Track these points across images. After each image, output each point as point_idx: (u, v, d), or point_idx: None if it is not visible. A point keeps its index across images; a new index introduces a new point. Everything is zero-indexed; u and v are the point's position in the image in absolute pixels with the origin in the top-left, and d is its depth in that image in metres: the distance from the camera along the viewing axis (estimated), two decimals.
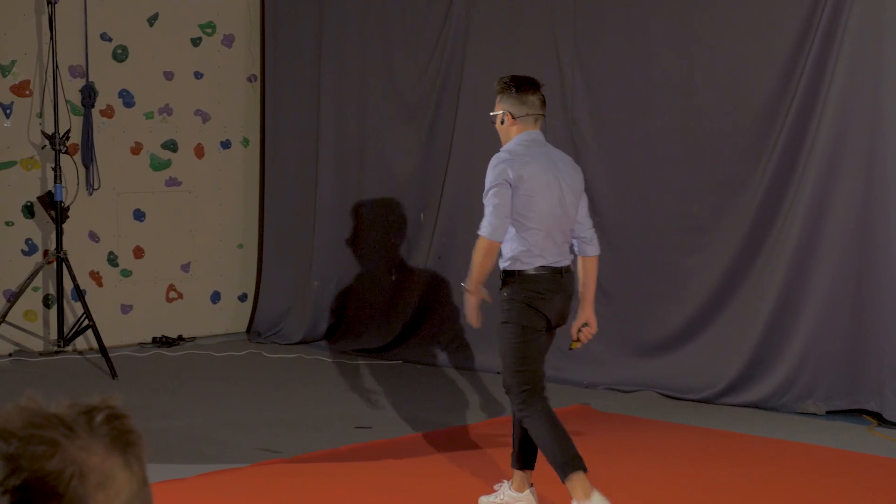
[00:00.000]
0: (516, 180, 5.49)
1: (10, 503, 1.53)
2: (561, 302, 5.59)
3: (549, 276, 5.51)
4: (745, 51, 7.85)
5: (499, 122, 5.72)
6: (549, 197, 5.55)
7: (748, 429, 7.22)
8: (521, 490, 5.70)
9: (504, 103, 5.70)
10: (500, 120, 5.70)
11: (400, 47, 9.62)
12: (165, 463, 6.24)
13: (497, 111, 5.72)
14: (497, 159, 5.62)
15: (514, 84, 5.70)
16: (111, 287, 9.75)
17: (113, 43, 9.64)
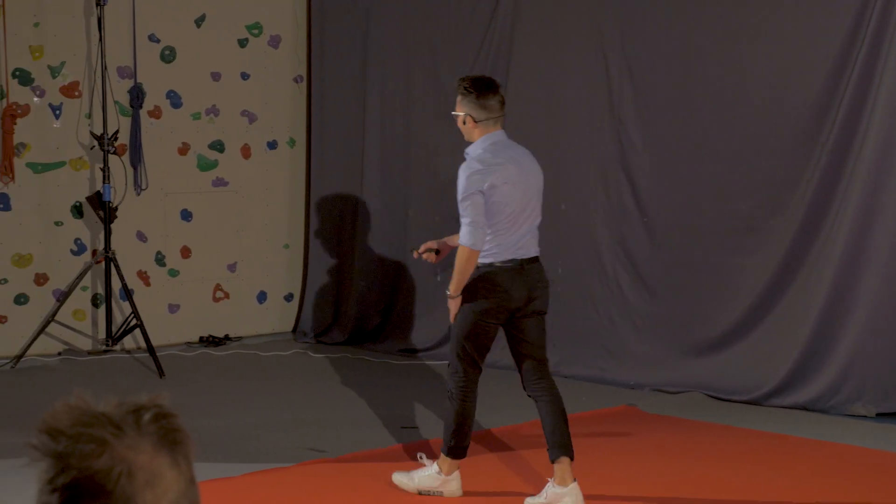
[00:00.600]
0: (489, 189, 5.82)
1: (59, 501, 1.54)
2: (523, 290, 5.95)
3: (512, 268, 5.90)
4: (795, 49, 7.79)
5: (460, 123, 5.97)
6: (519, 198, 5.92)
7: (796, 431, 7.16)
8: (564, 484, 5.69)
9: (465, 106, 5.93)
10: (461, 121, 5.96)
11: (446, 47, 9.61)
12: (212, 462, 6.27)
13: (458, 112, 5.95)
14: (469, 169, 5.88)
15: (473, 89, 5.95)
16: (158, 287, 9.81)
17: (161, 44, 9.70)
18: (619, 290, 8.61)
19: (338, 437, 6.97)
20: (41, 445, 1.55)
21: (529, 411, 7.65)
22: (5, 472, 6.12)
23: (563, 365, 8.79)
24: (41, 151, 9.23)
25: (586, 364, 8.68)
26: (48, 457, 1.55)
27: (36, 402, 7.38)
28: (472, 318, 5.90)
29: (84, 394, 1.60)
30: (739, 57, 8.04)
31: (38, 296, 9.27)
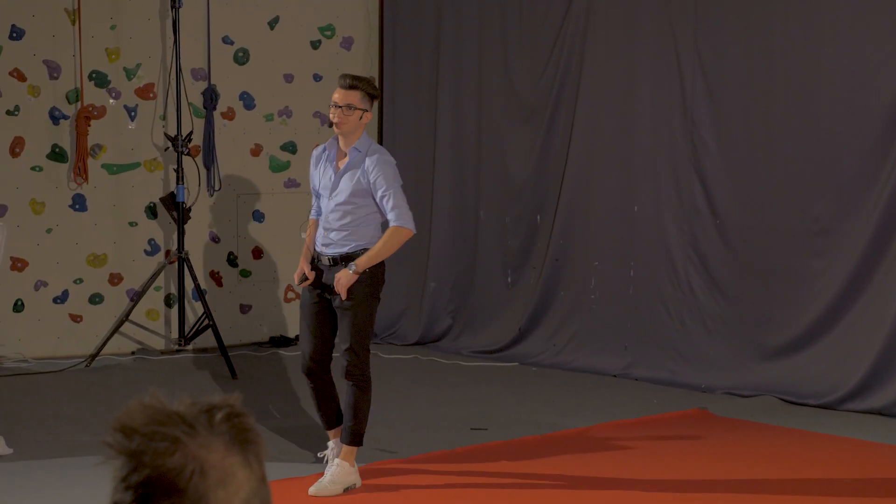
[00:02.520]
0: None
1: (132, 499, 1.55)
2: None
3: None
4: (869, 50, 7.69)
5: (356, 117, 6.12)
6: None
7: (871, 436, 7.06)
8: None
9: (368, 104, 6.16)
10: (358, 116, 6.12)
11: (518, 49, 9.60)
12: (283, 462, 6.31)
13: (359, 107, 6.11)
14: (390, 158, 6.26)
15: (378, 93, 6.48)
16: (230, 287, 9.89)
17: (234, 46, 9.78)
18: (691, 292, 8.55)
19: (408, 438, 6.98)
20: (115, 443, 1.57)
21: (598, 414, 7.63)
22: (80, 469, 6.20)
23: (634, 367, 8.75)
24: (116, 153, 9.35)
25: (657, 366, 8.63)
26: (122, 455, 1.56)
27: (109, 401, 7.50)
28: (375, 304, 6.24)
29: (158, 393, 1.62)
30: (814, 56, 7.95)
31: (112, 296, 9.38)
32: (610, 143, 9.07)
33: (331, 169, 6.22)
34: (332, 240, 6.19)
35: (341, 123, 6.08)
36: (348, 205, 6.14)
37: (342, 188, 6.16)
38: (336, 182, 6.17)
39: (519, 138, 9.66)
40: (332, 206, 6.18)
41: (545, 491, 6.02)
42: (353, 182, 6.13)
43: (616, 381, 8.71)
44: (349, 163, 6.15)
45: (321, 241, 6.23)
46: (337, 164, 6.20)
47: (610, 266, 9.02)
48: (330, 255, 6.18)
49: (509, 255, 9.72)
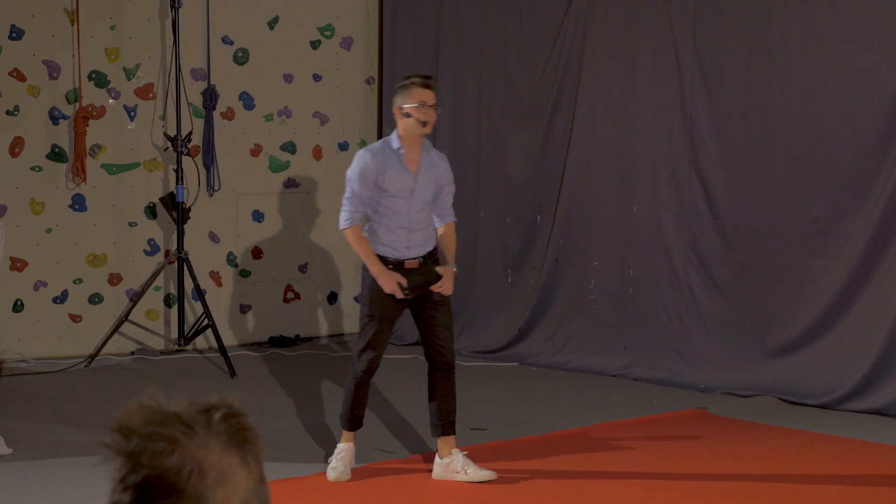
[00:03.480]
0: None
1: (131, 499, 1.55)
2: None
3: None
4: (869, 50, 7.69)
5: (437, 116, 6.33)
6: None
7: (870, 436, 7.06)
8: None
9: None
10: (437, 114, 6.34)
11: (518, 49, 9.60)
12: (281, 461, 6.31)
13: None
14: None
15: None
16: (230, 287, 9.89)
17: (234, 46, 9.79)
18: (690, 292, 8.55)
19: (406, 438, 6.99)
20: (113, 444, 1.57)
21: (597, 414, 7.63)
22: (80, 470, 6.20)
23: (633, 367, 8.75)
24: (116, 153, 9.35)
25: (656, 366, 8.63)
26: (120, 455, 1.56)
27: (109, 401, 7.50)
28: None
29: (156, 393, 1.62)
30: (813, 56, 7.95)
31: (111, 296, 9.39)
32: (609, 143, 9.08)
33: (403, 169, 6.19)
34: (417, 241, 6.22)
35: (432, 122, 6.21)
36: (429, 204, 6.25)
37: (425, 188, 6.21)
38: (421, 182, 6.19)
39: (519, 138, 9.66)
40: (416, 206, 6.20)
41: (545, 491, 6.02)
42: (431, 180, 6.22)
43: (615, 381, 8.71)
44: (429, 161, 6.24)
45: (402, 243, 6.20)
46: (408, 165, 6.20)
47: (609, 266, 9.03)
48: (418, 257, 6.22)
49: (509, 255, 9.72)
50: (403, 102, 6.22)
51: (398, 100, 6.26)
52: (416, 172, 6.19)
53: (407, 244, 6.18)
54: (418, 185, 6.19)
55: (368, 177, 6.16)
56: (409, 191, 6.16)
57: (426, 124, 6.18)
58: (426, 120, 6.15)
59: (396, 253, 6.18)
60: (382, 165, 6.15)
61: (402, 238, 6.18)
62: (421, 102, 6.15)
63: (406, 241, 6.18)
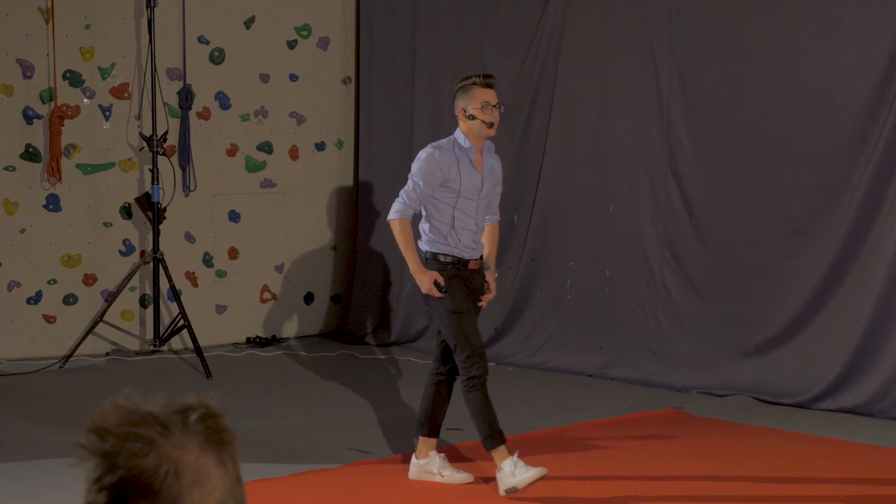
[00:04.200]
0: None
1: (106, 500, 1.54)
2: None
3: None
4: (844, 52, 7.73)
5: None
6: None
7: (844, 435, 7.10)
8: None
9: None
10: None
11: (494, 49, 9.60)
12: (258, 462, 6.29)
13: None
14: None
15: None
16: (206, 287, 9.86)
17: (210, 46, 9.76)
18: (667, 292, 8.58)
19: (384, 439, 6.98)
20: (89, 444, 1.56)
21: (574, 414, 7.64)
22: (54, 470, 6.17)
23: (609, 367, 8.77)
24: (91, 153, 9.31)
25: (633, 366, 8.65)
26: (95, 456, 1.56)
27: (84, 402, 7.46)
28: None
29: (132, 394, 1.61)
30: (789, 57, 7.98)
31: (86, 296, 9.35)
32: (586, 144, 9.09)
33: (473, 170, 6.07)
34: (478, 241, 6.13)
35: (497, 123, 6.06)
36: (487, 206, 6.17)
37: (489, 188, 6.13)
38: (487, 183, 6.10)
39: (495, 139, 9.61)
40: (482, 206, 6.11)
41: (521, 491, 6.02)
42: (494, 181, 6.15)
43: (592, 380, 8.72)
44: (489, 162, 6.14)
45: (469, 244, 6.08)
46: (476, 165, 6.09)
47: (586, 266, 9.04)
48: (478, 258, 6.13)
49: None
50: (466, 104, 6.02)
51: (460, 102, 6.06)
52: (483, 173, 6.10)
53: (473, 245, 6.09)
54: (485, 185, 6.10)
55: (436, 175, 6.00)
56: (477, 191, 6.06)
57: (492, 125, 6.03)
58: (491, 121, 6.01)
59: (463, 253, 6.06)
60: (452, 164, 6.00)
61: (468, 239, 6.07)
62: (484, 104, 6.00)
63: (472, 241, 6.08)
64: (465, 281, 6.04)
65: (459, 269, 6.02)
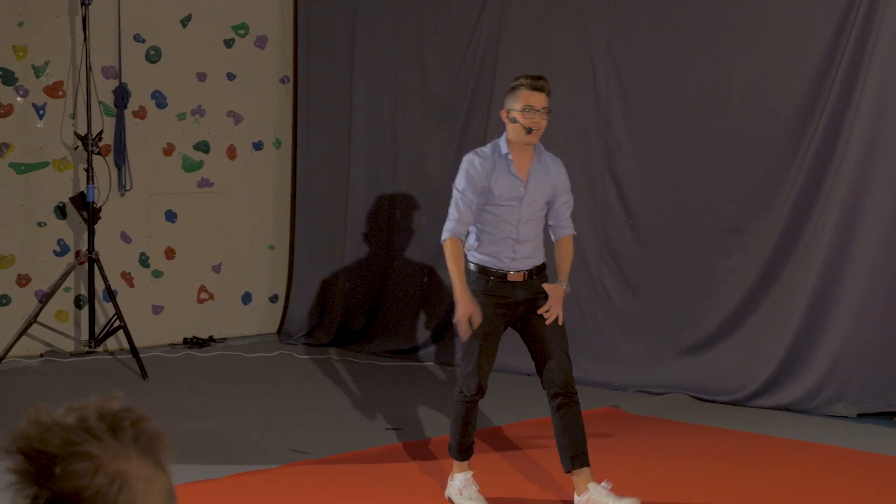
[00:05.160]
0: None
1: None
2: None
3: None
4: (779, 53, 7.81)
5: (546, 121, 5.70)
6: None
7: (779, 431, 7.17)
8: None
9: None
10: (547, 119, 5.71)
11: (433, 48, 9.61)
12: (195, 464, 6.25)
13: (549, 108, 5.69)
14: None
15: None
16: (142, 288, 9.79)
17: (146, 44, 9.68)
18: (604, 291, 8.62)
19: (322, 439, 6.96)
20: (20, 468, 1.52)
21: (512, 413, 7.66)
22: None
23: None
24: (24, 152, 9.20)
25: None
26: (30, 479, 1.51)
27: (17, 405, 7.36)
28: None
29: (45, 407, 1.57)
30: (725, 58, 8.05)
31: (20, 297, 9.24)
32: None
33: (512, 176, 5.65)
34: (523, 253, 5.69)
35: (538, 130, 5.62)
36: (540, 212, 5.74)
37: (536, 196, 5.69)
38: (532, 190, 5.67)
39: (435, 138, 9.67)
40: (525, 215, 5.67)
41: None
42: (544, 188, 5.70)
43: (530, 379, 8.72)
44: (541, 167, 5.72)
45: (507, 254, 5.68)
46: (517, 171, 5.67)
47: None
48: (523, 270, 5.69)
49: (425, 256, 9.73)
50: (510, 105, 5.63)
51: (507, 102, 5.67)
52: (527, 179, 5.66)
53: (512, 255, 5.66)
54: (529, 192, 5.65)
55: (478, 182, 5.63)
56: (518, 199, 5.64)
57: (531, 131, 5.59)
58: (531, 126, 5.57)
59: (500, 264, 5.66)
60: (492, 170, 5.63)
61: (507, 248, 5.65)
62: (527, 106, 5.58)
63: (511, 251, 5.65)
64: (501, 295, 5.65)
65: (498, 281, 5.65)
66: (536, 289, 5.69)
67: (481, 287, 5.66)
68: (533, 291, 5.68)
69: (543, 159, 5.74)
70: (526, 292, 5.67)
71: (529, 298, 5.66)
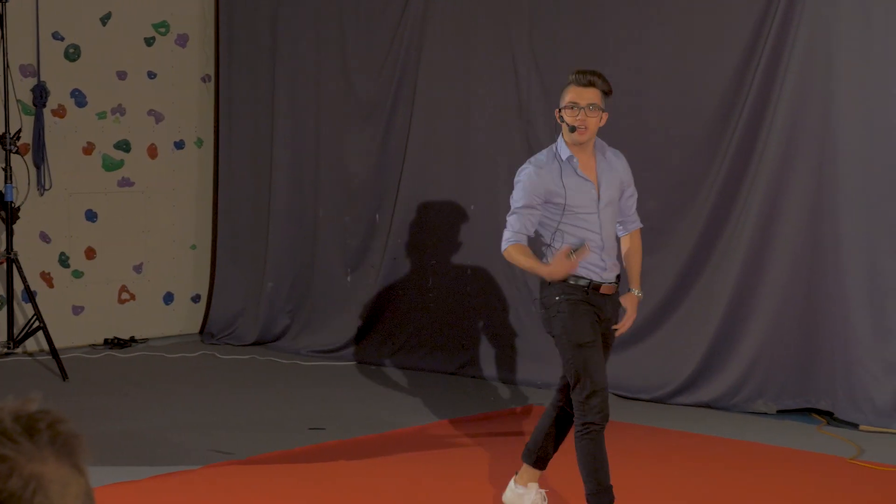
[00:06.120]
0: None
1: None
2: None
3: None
4: (699, 55, 7.89)
5: (598, 119, 5.23)
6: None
7: (700, 428, 7.26)
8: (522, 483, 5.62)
9: (605, 104, 5.30)
10: (599, 117, 5.24)
11: (355, 47, 9.60)
12: (117, 465, 6.20)
13: (602, 106, 5.25)
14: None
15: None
16: (62, 288, 9.68)
17: (65, 42, 9.57)
18: (528, 290, 8.67)
19: (245, 439, 6.93)
20: None
21: (436, 412, 7.68)
22: None
23: (471, 364, 8.83)
24: None
25: (494, 364, 8.72)
26: None
27: None
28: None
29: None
30: (645, 57, 8.13)
31: None
32: (447, 142, 9.14)
33: (581, 180, 5.19)
34: (610, 261, 5.23)
35: (585, 128, 5.15)
36: (614, 216, 5.30)
37: (609, 195, 5.24)
38: (605, 190, 5.22)
39: (357, 137, 9.66)
40: (607, 217, 5.22)
41: (382, 490, 6.03)
42: (613, 185, 5.28)
43: (454, 378, 8.77)
44: (606, 164, 5.29)
45: (598, 264, 5.17)
46: (585, 173, 5.22)
47: (448, 265, 9.09)
48: (613, 280, 5.24)
49: (348, 254, 9.71)
50: (561, 103, 5.24)
51: (561, 101, 5.29)
52: (597, 179, 5.22)
53: (602, 265, 5.19)
54: (603, 193, 5.22)
55: (538, 193, 5.15)
56: (595, 202, 5.18)
57: (574, 130, 5.15)
58: (575, 124, 5.14)
59: (592, 276, 5.16)
60: (554, 179, 5.15)
61: (596, 258, 5.17)
62: (572, 103, 5.16)
63: (600, 261, 5.18)
64: (597, 306, 5.18)
65: (592, 294, 5.16)
66: (617, 304, 5.31)
67: (579, 296, 5.15)
68: (615, 308, 5.29)
69: (608, 156, 5.35)
70: (610, 309, 5.26)
71: (610, 317, 5.27)
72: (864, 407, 7.30)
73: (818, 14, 7.37)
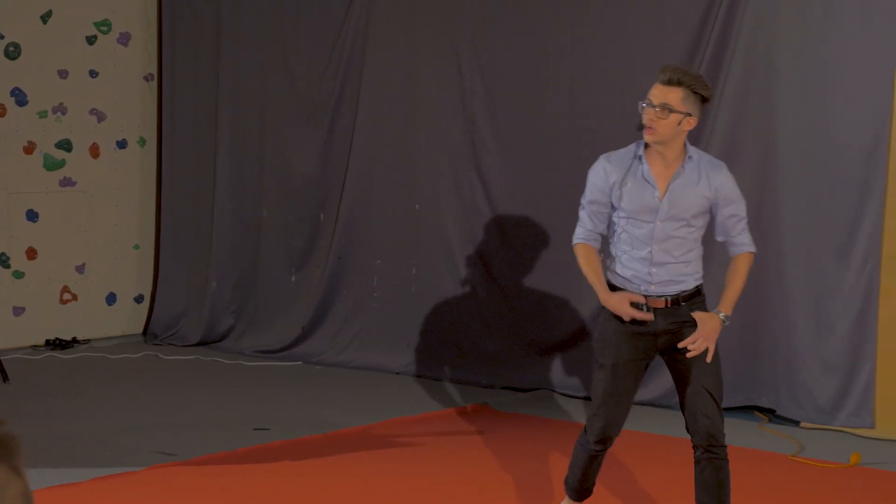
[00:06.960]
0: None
1: None
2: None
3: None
4: (641, 52, 7.94)
5: (674, 121, 4.77)
6: None
7: (642, 426, 7.30)
8: None
9: (691, 108, 4.79)
10: (678, 120, 4.77)
11: (299, 46, 9.58)
12: (60, 467, 6.15)
13: (681, 109, 4.77)
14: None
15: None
16: (2, 289, 9.59)
17: (5, 40, 9.48)
18: (472, 290, 8.69)
19: (189, 440, 6.90)
20: None
21: (381, 412, 7.69)
22: None
23: (416, 364, 8.84)
24: None
25: (439, 363, 8.74)
26: None
27: None
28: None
29: None
30: (585, 59, 8.17)
31: None
32: (391, 142, 9.15)
33: (643, 184, 4.81)
34: (663, 276, 4.81)
35: (653, 129, 4.75)
36: (688, 228, 4.81)
37: (678, 209, 4.78)
38: (672, 202, 4.78)
39: (301, 137, 9.64)
40: (660, 233, 4.78)
41: (328, 490, 6.03)
42: (687, 201, 4.79)
43: (399, 378, 8.78)
44: (686, 182, 4.80)
45: (642, 277, 4.83)
46: (653, 177, 4.82)
47: (392, 264, 9.10)
48: (664, 296, 4.82)
49: (292, 254, 9.69)
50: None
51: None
52: (665, 189, 4.79)
53: (647, 279, 4.82)
54: (666, 204, 4.79)
55: (601, 188, 4.88)
56: (652, 212, 4.79)
57: (643, 128, 4.82)
58: (643, 123, 4.81)
59: (633, 287, 4.83)
60: (621, 176, 4.85)
61: (641, 271, 4.83)
62: (648, 101, 4.81)
63: (647, 275, 4.81)
64: (636, 323, 4.83)
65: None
66: (684, 317, 4.83)
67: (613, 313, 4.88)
68: (678, 320, 4.83)
69: (699, 166, 4.85)
70: (668, 321, 4.83)
71: (673, 329, 4.83)
72: (806, 404, 7.39)
73: (759, 15, 7.44)
